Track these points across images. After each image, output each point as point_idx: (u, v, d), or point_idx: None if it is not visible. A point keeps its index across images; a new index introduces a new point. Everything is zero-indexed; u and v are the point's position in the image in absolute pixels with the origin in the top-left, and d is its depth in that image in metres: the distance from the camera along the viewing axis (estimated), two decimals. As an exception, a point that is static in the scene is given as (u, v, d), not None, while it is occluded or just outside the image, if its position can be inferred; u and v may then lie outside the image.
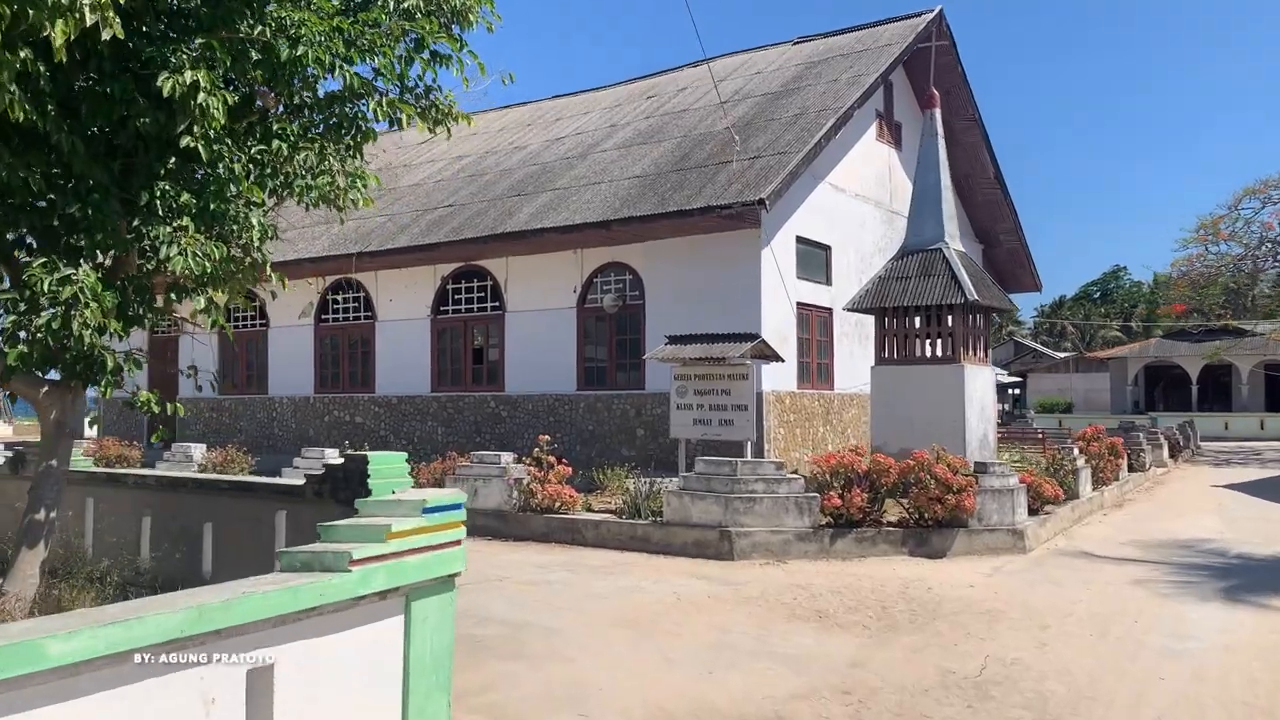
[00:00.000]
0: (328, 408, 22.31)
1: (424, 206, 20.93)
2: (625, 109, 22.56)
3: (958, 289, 15.41)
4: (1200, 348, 36.20)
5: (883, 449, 15.93)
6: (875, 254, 20.68)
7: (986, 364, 16.63)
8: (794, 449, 17.65)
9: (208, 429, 24.50)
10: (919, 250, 16.29)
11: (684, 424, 12.61)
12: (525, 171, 20.76)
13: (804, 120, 17.96)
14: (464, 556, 4.46)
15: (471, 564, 10.36)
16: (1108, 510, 14.35)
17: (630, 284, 18.45)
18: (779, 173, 16.04)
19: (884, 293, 16.04)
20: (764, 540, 10.06)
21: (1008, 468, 11.02)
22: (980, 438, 15.99)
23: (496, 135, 24.32)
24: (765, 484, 10.24)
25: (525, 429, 19.37)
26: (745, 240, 17.06)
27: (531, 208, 18.58)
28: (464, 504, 4.52)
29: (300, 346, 22.90)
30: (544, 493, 11.19)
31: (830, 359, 19.16)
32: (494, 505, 11.65)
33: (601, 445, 18.37)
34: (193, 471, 14.24)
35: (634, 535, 10.62)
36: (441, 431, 20.48)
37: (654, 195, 16.98)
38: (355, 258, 20.03)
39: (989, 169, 23.39)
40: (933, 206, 16.40)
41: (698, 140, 18.87)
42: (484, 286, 20.28)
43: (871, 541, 10.26)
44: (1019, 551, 10.48)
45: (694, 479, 10.49)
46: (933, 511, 10.32)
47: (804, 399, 18.11)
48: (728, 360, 12.10)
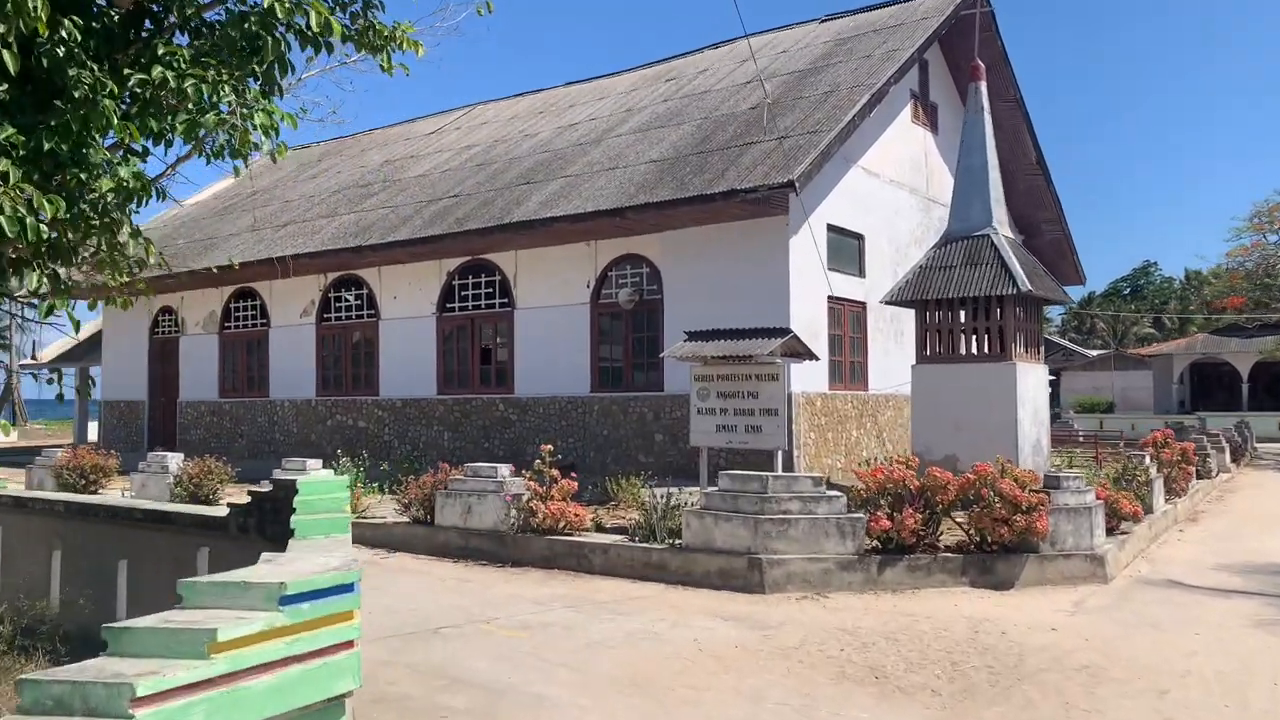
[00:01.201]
0: (330, 411, 20.90)
1: (429, 197, 19.47)
2: (642, 93, 21.00)
3: (1009, 279, 13.75)
4: (1252, 343, 34.11)
5: (925, 455, 14.28)
6: (911, 244, 19.01)
7: (1039, 362, 14.96)
8: (825, 455, 16.03)
9: (208, 434, 23.17)
10: (964, 237, 14.63)
11: (705, 431, 11.04)
12: (535, 159, 19.24)
13: (835, 98, 16.32)
14: (357, 667, 2.85)
15: (459, 600, 8.73)
16: (1183, 526, 12.63)
17: (647, 277, 16.88)
18: (809, 153, 14.42)
19: (926, 284, 14.39)
20: (800, 570, 8.46)
21: (1083, 481, 9.37)
22: (1034, 443, 14.32)
23: (507, 124, 22.83)
24: (801, 503, 8.65)
25: (536, 434, 17.85)
26: (772, 228, 15.45)
27: (541, 196, 17.06)
28: (356, 582, 2.92)
29: (302, 347, 21.50)
30: (545, 511, 9.65)
31: (864, 357, 17.51)
32: (489, 525, 10.12)
33: (617, 451, 16.82)
34: (119, 497, 12.73)
35: (648, 562, 9.06)
36: (448, 436, 19.01)
37: (672, 180, 15.41)
38: (356, 252, 18.60)
39: (1030, 153, 21.63)
40: (979, 188, 14.73)
41: (720, 121, 17.27)
42: (492, 282, 18.77)
43: (926, 570, 8.65)
44: (1099, 581, 8.82)
45: (717, 497, 8.91)
46: (998, 534, 8.69)
47: (836, 400, 16.48)
48: (755, 358, 10.52)
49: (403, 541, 10.74)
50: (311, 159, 26.89)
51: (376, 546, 10.87)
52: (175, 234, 24.60)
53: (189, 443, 23.46)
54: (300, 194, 23.57)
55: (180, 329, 24.01)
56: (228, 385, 23.01)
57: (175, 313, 24.14)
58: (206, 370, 23.25)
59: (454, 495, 10.41)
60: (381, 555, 10.45)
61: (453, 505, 10.40)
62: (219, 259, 21.11)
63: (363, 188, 21.99)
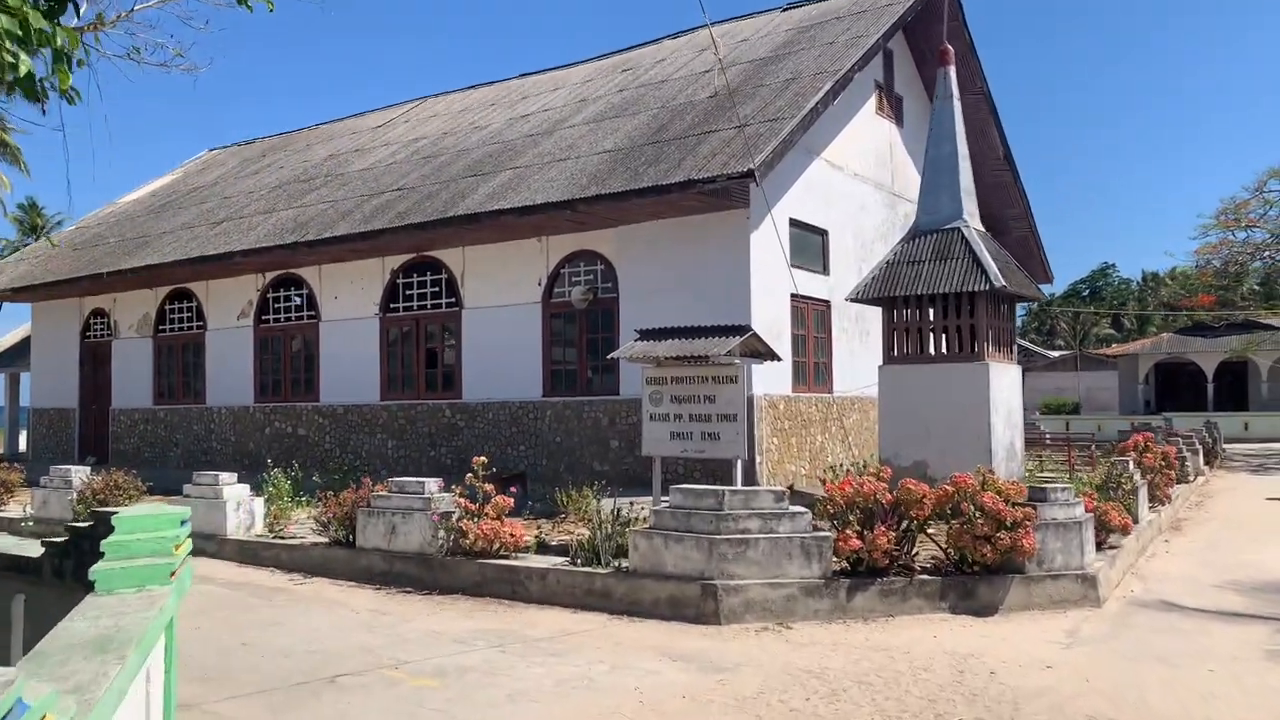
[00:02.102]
0: (269, 418, 19.60)
1: (371, 191, 18.26)
2: (598, 83, 19.93)
3: (981, 274, 12.84)
4: (1217, 343, 33.64)
5: (893, 462, 13.32)
6: (876, 240, 18.09)
7: (1012, 361, 14.06)
8: (789, 461, 15.04)
9: (142, 443, 21.77)
10: (933, 230, 13.71)
11: (659, 439, 9.98)
12: (484, 151, 18.11)
13: (798, 85, 15.34)
14: None
15: (370, 638, 6.75)
16: (1168, 536, 11.77)
17: (602, 275, 15.81)
18: (770, 141, 13.43)
19: (893, 280, 13.45)
20: (760, 597, 7.43)
21: (1071, 492, 8.41)
22: (1007, 447, 13.42)
23: (458, 116, 21.66)
24: (761, 521, 7.62)
25: (485, 441, 16.71)
26: (732, 222, 14.44)
27: (488, 188, 15.92)
28: None
29: (239, 351, 20.18)
30: (477, 532, 8.54)
31: (829, 357, 16.56)
32: (415, 547, 8.98)
33: (571, 459, 15.73)
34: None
35: (591, 589, 7.97)
36: (392, 445, 17.81)
37: (626, 170, 14.35)
38: (292, 249, 17.35)
39: (998, 148, 20.80)
40: (948, 179, 13.82)
41: (677, 110, 16.24)
42: (438, 280, 17.60)
43: (901, 595, 7.64)
44: (1091, 604, 7.87)
45: (668, 514, 7.85)
46: (979, 554, 7.71)
47: (800, 404, 15.50)
48: (712, 359, 9.48)
49: (321, 565, 9.58)
50: (254, 155, 25.54)
51: (293, 570, 9.70)
52: (107, 232, 23.16)
53: (122, 452, 22.05)
54: (240, 190, 22.24)
55: (113, 332, 22.56)
56: (162, 392, 21.62)
57: (108, 315, 22.69)
58: (140, 376, 21.84)
59: (377, 514, 9.27)
60: (297, 580, 9.29)
61: (375, 525, 9.26)
62: (150, 258, 19.78)
63: (304, 182, 20.73)
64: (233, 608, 8.14)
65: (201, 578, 9.38)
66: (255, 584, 9.14)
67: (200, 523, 10.68)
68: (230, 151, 27.25)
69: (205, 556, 10.51)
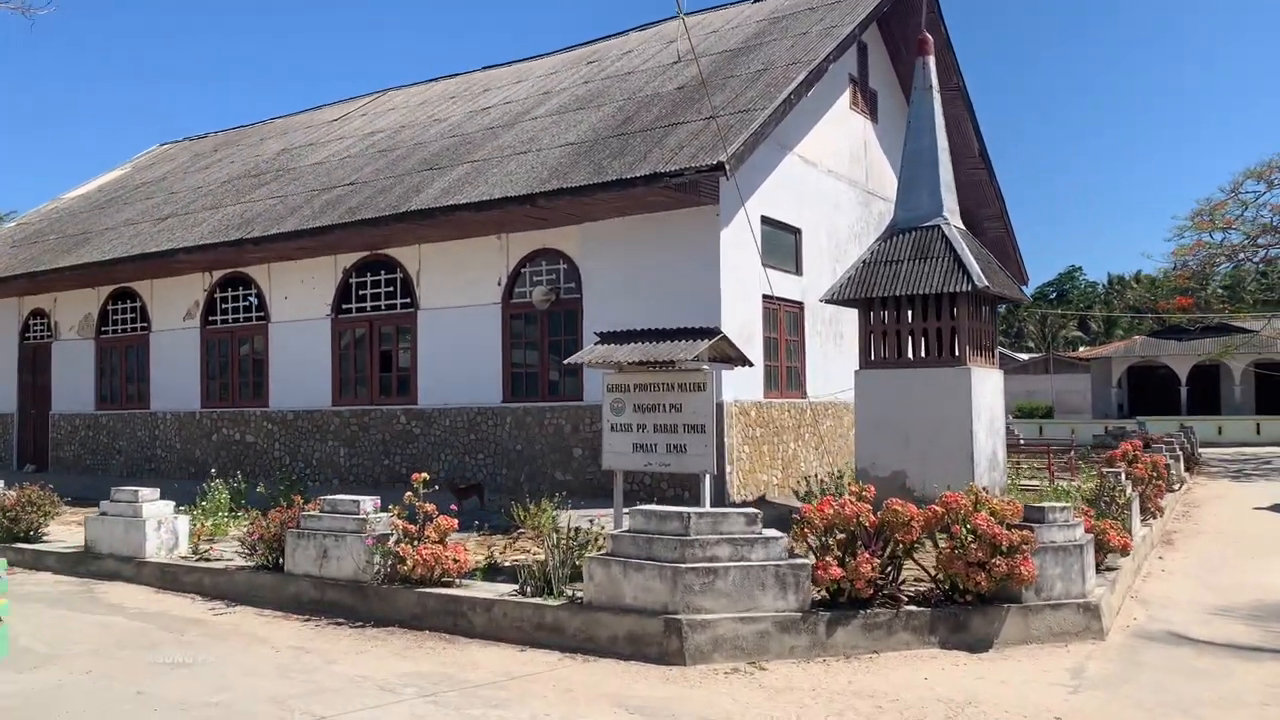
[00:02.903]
0: (216, 424, 18.50)
1: (322, 186, 17.23)
2: (562, 75, 19.03)
3: (963, 274, 12.06)
4: (1191, 346, 33.24)
5: (870, 472, 12.53)
6: (851, 240, 17.33)
7: (994, 366, 13.32)
8: (761, 470, 14.21)
9: (83, 449, 20.58)
10: (911, 228, 12.92)
11: (620, 451, 9.09)
12: (441, 144, 17.14)
13: (769, 76, 14.53)
14: None
15: (282, 686, 5.53)
16: (1160, 552, 11.03)
17: (565, 274, 14.92)
18: (741, 133, 12.60)
19: (870, 280, 12.65)
20: (730, 633, 6.55)
21: (1070, 512, 7.61)
22: (990, 456, 12.66)
23: (416, 109, 20.66)
24: (732, 546, 6.74)
25: (441, 448, 15.77)
26: (701, 219, 13.61)
27: (443, 183, 14.97)
28: None
29: (185, 353, 19.07)
30: (416, 558, 7.60)
31: (802, 362, 15.76)
32: (349, 574, 8.03)
33: (532, 468, 14.82)
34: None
35: (541, 624, 7.06)
36: (344, 452, 16.80)
37: (589, 164, 13.46)
38: (237, 245, 16.29)
39: (974, 145, 20.12)
40: (927, 174, 13.03)
41: (643, 103, 15.37)
42: (393, 280, 16.62)
43: (886, 629, 6.80)
44: (1094, 636, 7.07)
45: (627, 539, 6.95)
46: (973, 581, 6.88)
47: (772, 410, 14.68)
48: (679, 364, 8.61)
49: (246, 592, 8.59)
50: (206, 149, 24.38)
51: (216, 598, 8.70)
52: (48, 229, 21.94)
53: (62, 460, 20.88)
54: (188, 185, 21.10)
55: (53, 334, 21.35)
56: (105, 396, 20.44)
57: (48, 316, 21.47)
58: (82, 379, 20.65)
59: (307, 536, 8.30)
60: (218, 610, 8.29)
61: (305, 548, 8.29)
62: (90, 255, 18.63)
63: (254, 178, 19.65)
64: (136, 645, 7.15)
65: (110, 607, 8.37)
66: (170, 615, 8.15)
67: (118, 544, 9.67)
68: (182, 146, 26.06)
69: (121, 581, 9.48)
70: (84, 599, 8.79)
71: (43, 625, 7.83)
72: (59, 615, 8.19)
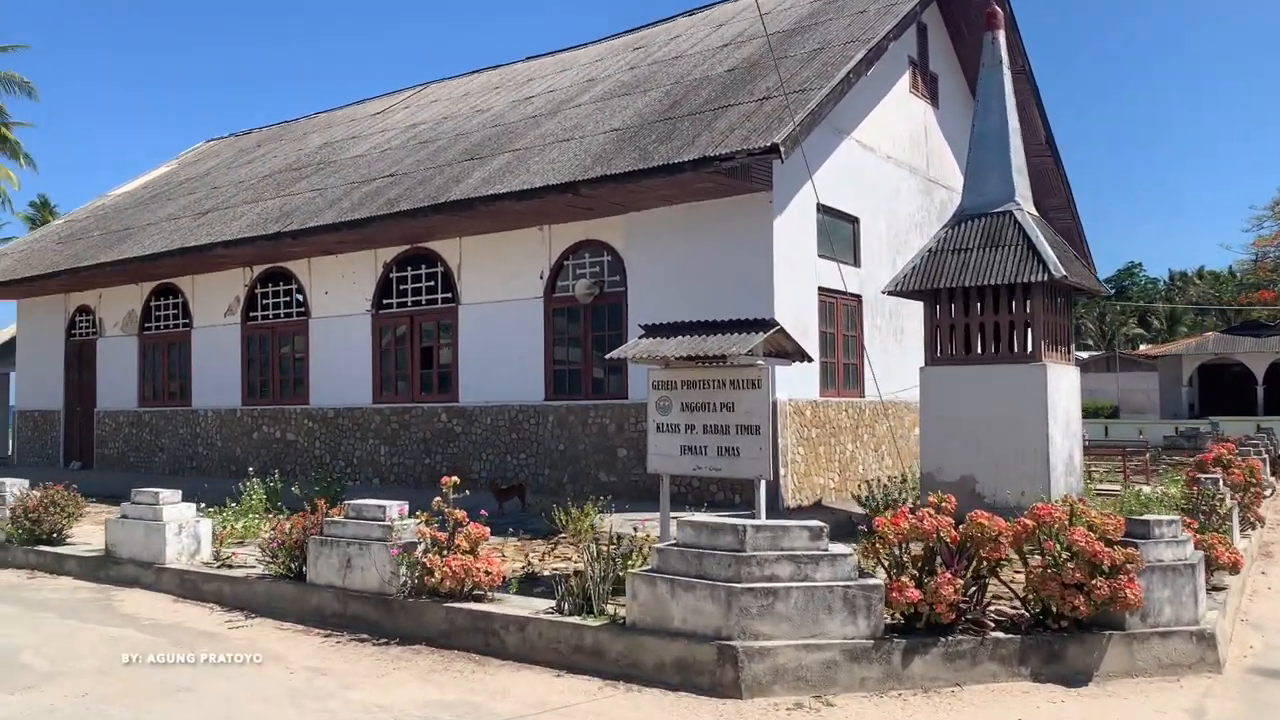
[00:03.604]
0: (256, 422, 18.09)
1: (362, 178, 16.70)
2: (607, 63, 18.29)
3: (1038, 263, 11.12)
4: (1268, 342, 31.44)
5: (935, 476, 11.63)
6: (911, 230, 16.36)
7: (1070, 362, 12.33)
8: (817, 473, 13.35)
9: (127, 446, 20.33)
10: (980, 214, 11.99)
11: (667, 453, 8.31)
12: (483, 134, 16.50)
13: (826, 55, 13.65)
14: None
15: (292, 715, 4.77)
16: (1262, 565, 9.99)
17: (609, 266, 14.19)
18: (797, 113, 11.75)
19: (936, 270, 11.74)
20: (792, 662, 5.75)
21: (1178, 526, 6.69)
22: (1066, 460, 11.69)
23: (459, 101, 20.08)
24: (794, 564, 5.94)
25: (483, 448, 15.14)
26: (753, 208, 12.79)
27: (483, 173, 14.31)
28: None
29: (226, 350, 18.69)
30: (445, 569, 6.91)
31: (860, 358, 14.85)
32: (374, 586, 7.36)
33: (575, 469, 14.12)
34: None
35: (580, 646, 6.32)
36: (385, 451, 16.25)
37: (634, 149, 12.70)
38: (274, 239, 15.81)
39: (1039, 131, 18.94)
40: (997, 156, 12.09)
41: (692, 86, 14.58)
42: (433, 274, 16.03)
43: (971, 658, 5.95)
44: (1209, 669, 6.15)
45: (675, 554, 6.19)
46: (1069, 605, 6.01)
47: (829, 409, 13.80)
48: (731, 359, 7.80)
49: (267, 603, 7.97)
50: (250, 145, 24.07)
51: (236, 608, 8.09)
52: (93, 225, 21.74)
53: (106, 457, 20.66)
54: (230, 180, 20.75)
55: (98, 330, 21.14)
56: (148, 393, 20.17)
57: (93, 313, 21.27)
58: (125, 376, 20.40)
59: (330, 544, 7.65)
60: (235, 623, 7.68)
61: (329, 557, 7.65)
62: (131, 250, 18.33)
63: (295, 171, 19.21)
64: (142, 663, 6.55)
65: (124, 619, 7.81)
66: (185, 627, 7.55)
67: (138, 548, 9.13)
68: (227, 142, 25.82)
69: (141, 588, 8.93)
70: (98, 608, 8.24)
71: (49, 638, 7.28)
72: (69, 627, 7.64)
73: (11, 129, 36.36)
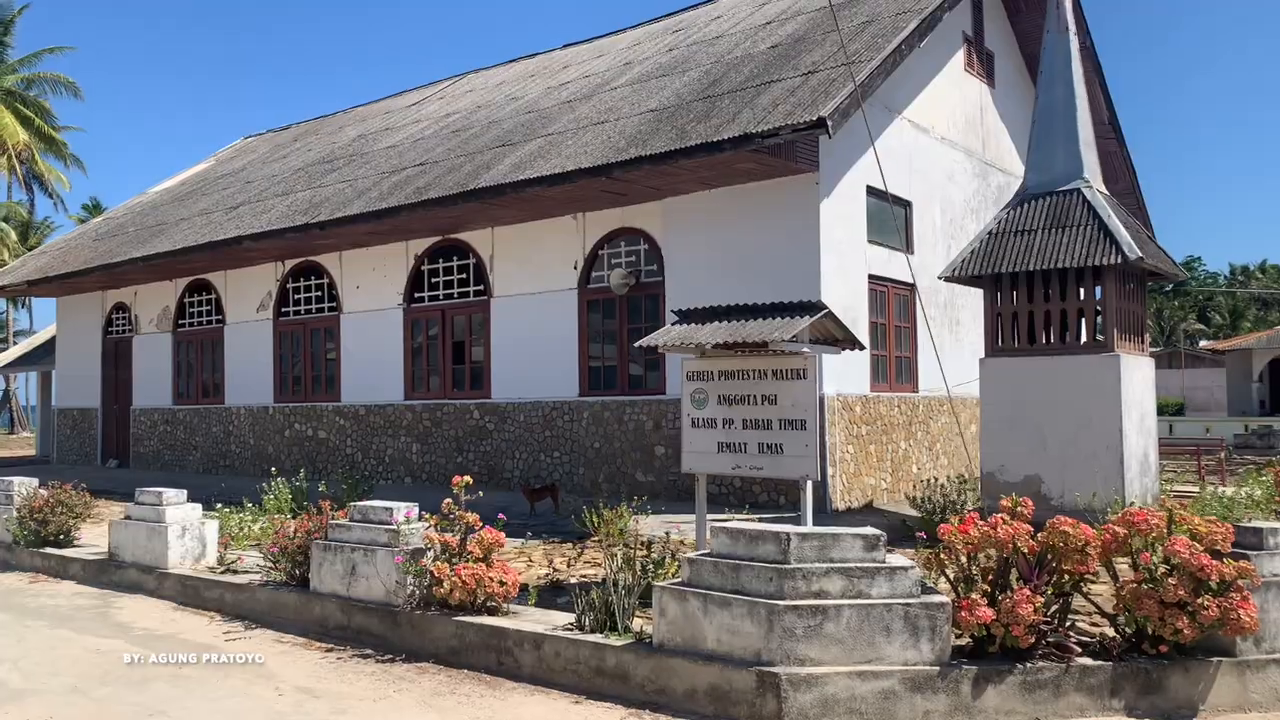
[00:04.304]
0: (288, 420, 17.61)
1: (392, 168, 16.12)
2: (645, 46, 17.52)
3: (1110, 244, 10.12)
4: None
5: (998, 477, 10.69)
6: (967, 215, 15.37)
7: (1144, 353, 11.29)
8: (867, 473, 12.45)
9: (162, 444, 20.00)
10: (1045, 193, 11.01)
11: (703, 450, 7.51)
12: (516, 121, 15.82)
13: (876, 27, 12.74)
14: None
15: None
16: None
17: (645, 255, 13.43)
18: (845, 86, 10.88)
19: (998, 253, 10.78)
20: (845, 692, 4.93)
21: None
22: (1141, 459, 10.68)
23: (494, 89, 19.44)
24: (847, 578, 5.12)
25: (516, 446, 14.46)
26: (798, 190, 11.94)
27: (514, 158, 13.62)
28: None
29: (258, 346, 18.25)
30: (454, 579, 6.18)
31: (913, 351, 13.91)
32: (380, 596, 6.66)
33: (610, 468, 13.38)
34: None
35: (601, 668, 5.56)
36: (416, 449, 15.65)
37: (671, 130, 11.91)
38: (303, 230, 15.28)
39: (1103, 111, 17.72)
40: (1063, 129, 11.08)
41: (732, 64, 13.75)
42: (465, 266, 15.40)
43: (1053, 689, 5.08)
44: (1337, 703, 5.21)
45: (709, 567, 5.39)
46: (1170, 628, 5.11)
47: (880, 405, 12.89)
48: (773, 346, 6.98)
49: (268, 612, 7.32)
50: (286, 140, 23.69)
51: (237, 617, 7.46)
52: (129, 222, 21.50)
53: (142, 455, 20.37)
54: (264, 174, 20.34)
55: (134, 328, 20.87)
56: (182, 390, 19.82)
57: (129, 310, 21.01)
58: (160, 373, 20.08)
59: (334, 549, 6.97)
60: (234, 634, 7.03)
61: (333, 563, 6.97)
62: (162, 245, 17.96)
63: (327, 164, 18.71)
64: (123, 681, 5.91)
65: (117, 628, 7.19)
66: (179, 639, 6.92)
67: (141, 552, 8.55)
68: (264, 138, 25.50)
69: (143, 594, 8.34)
70: (93, 617, 7.65)
71: (33, 649, 6.69)
72: (58, 637, 7.04)
73: (60, 132, 36.57)
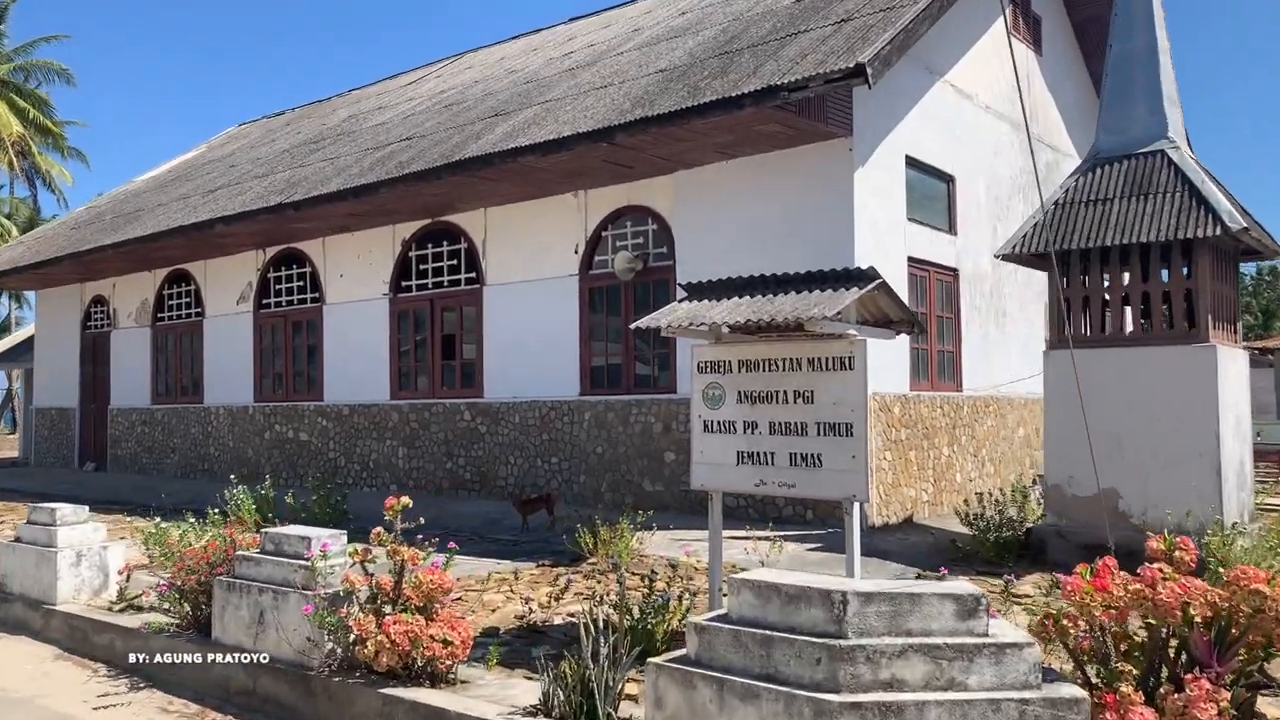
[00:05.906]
0: (268, 420, 16.00)
1: (377, 144, 14.48)
2: (656, 13, 15.81)
3: (1206, 214, 8.34)
4: None
5: (1065, 489, 8.88)
6: (1014, 194, 13.57)
7: (1238, 344, 9.49)
8: (907, 483, 10.68)
9: (140, 447, 18.44)
10: (1123, 156, 9.24)
11: (718, 461, 5.79)
12: (512, 91, 14.15)
13: (917, -27, 10.98)
14: None
15: None
16: None
17: (654, 237, 11.72)
18: (884, 31, 9.14)
19: (1067, 226, 9.01)
20: (933, 839, 3.21)
21: None
22: (1238, 468, 8.87)
23: (494, 65, 17.78)
24: (931, 661, 3.39)
25: (510, 450, 12.78)
26: (829, 156, 10.19)
27: (506, 127, 11.95)
28: None
29: (238, 341, 16.66)
30: (381, 638, 4.49)
31: (957, 345, 12.13)
32: (292, 654, 4.98)
33: (614, 475, 11.67)
34: None
35: (569, 779, 3.86)
36: (403, 453, 13.99)
37: (682, 88, 10.19)
38: (276, 211, 13.65)
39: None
40: (1145, 82, 9.29)
41: (753, 20, 12.02)
42: (456, 251, 13.73)
43: (1244, 829, 3.34)
44: None
45: (727, 638, 3.68)
46: None
47: (920, 406, 11.12)
48: (810, 328, 5.25)
49: (162, 667, 5.64)
50: (279, 125, 22.13)
51: (125, 671, 5.79)
52: (108, 210, 19.99)
53: (119, 458, 18.82)
54: (249, 158, 18.78)
55: (112, 322, 19.34)
56: (160, 389, 18.26)
57: (108, 303, 19.48)
58: (138, 371, 18.54)
59: (240, 589, 5.29)
60: (110, 699, 5.36)
61: (238, 607, 5.29)
62: (134, 232, 16.40)
63: (313, 144, 17.11)
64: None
65: (-35, 688, 5.52)
66: (36, 704, 5.26)
67: (29, 582, 6.90)
68: (258, 124, 23.96)
69: (27, 635, 6.69)
70: (-53, 668, 6.01)
71: None
72: (-113, 699, 5.41)
73: (62, 127, 35.25)
